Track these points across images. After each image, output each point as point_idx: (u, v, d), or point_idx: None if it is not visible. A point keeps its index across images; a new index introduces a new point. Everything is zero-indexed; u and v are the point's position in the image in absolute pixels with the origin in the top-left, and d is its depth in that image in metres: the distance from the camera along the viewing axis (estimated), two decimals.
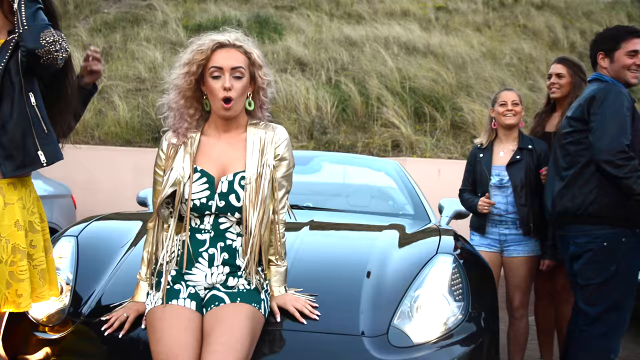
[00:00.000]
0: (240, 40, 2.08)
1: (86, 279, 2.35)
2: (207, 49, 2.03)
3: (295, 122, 8.72)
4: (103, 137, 8.31)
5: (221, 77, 2.03)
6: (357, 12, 12.61)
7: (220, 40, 2.05)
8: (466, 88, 9.69)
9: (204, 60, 2.04)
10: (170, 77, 2.12)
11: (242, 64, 2.06)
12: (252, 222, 2.04)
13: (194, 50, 2.05)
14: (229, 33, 2.09)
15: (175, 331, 1.89)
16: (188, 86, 2.07)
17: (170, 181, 2.05)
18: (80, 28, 10.88)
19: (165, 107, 2.14)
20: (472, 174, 3.68)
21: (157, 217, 2.09)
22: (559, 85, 3.59)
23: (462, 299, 2.23)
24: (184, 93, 2.08)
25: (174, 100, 2.10)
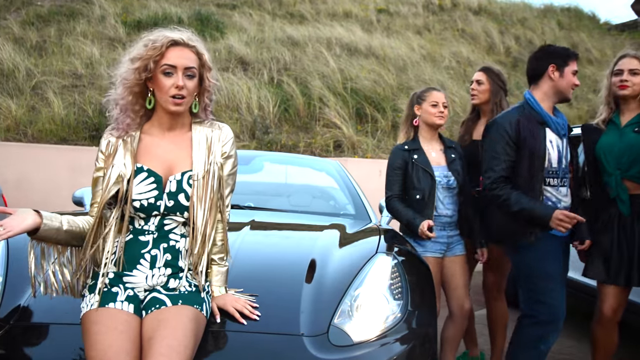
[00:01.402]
0: (193, 40, 2.05)
1: (17, 280, 2.25)
2: (161, 46, 1.99)
3: (237, 121, 8.66)
4: (36, 134, 8.02)
5: (174, 75, 2.00)
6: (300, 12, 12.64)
7: (174, 38, 2.01)
8: (407, 90, 9.85)
9: (158, 57, 1.99)
10: (119, 70, 2.06)
11: (194, 64, 2.03)
12: (200, 220, 2.02)
13: (147, 46, 2.00)
14: (181, 32, 2.06)
15: (110, 335, 1.84)
16: (137, 82, 2.02)
17: (112, 179, 2.00)
18: (11, 20, 10.45)
19: (112, 103, 2.08)
20: (402, 179, 3.37)
21: (98, 218, 2.02)
22: (478, 92, 3.72)
23: (402, 298, 2.27)
24: (131, 89, 2.03)
25: (120, 96, 2.05)
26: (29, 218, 1.84)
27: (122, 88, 2.04)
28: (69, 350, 1.98)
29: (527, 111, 3.06)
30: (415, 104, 3.50)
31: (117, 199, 2.00)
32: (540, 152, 2.99)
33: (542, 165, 3.00)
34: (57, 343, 2.04)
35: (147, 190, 2.01)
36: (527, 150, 2.99)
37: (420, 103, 3.48)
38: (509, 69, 12.24)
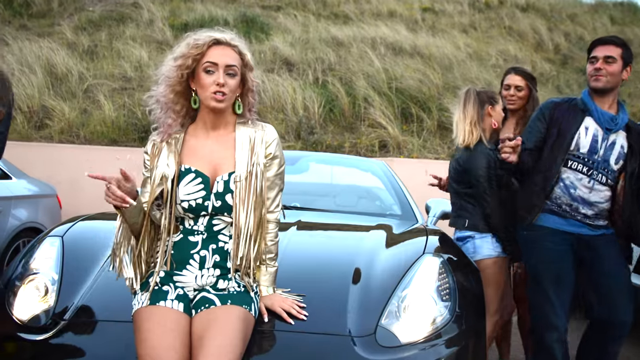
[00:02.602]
0: (235, 40, 2.08)
1: (71, 279, 2.32)
2: (204, 44, 2.02)
3: (282, 122, 8.71)
4: (88, 136, 8.24)
5: (215, 72, 2.02)
6: (344, 12, 12.64)
7: (217, 37, 2.04)
8: (453, 89, 9.73)
9: (199, 55, 2.02)
10: (162, 69, 2.10)
11: (236, 63, 2.05)
12: (242, 221, 2.03)
13: (190, 44, 2.03)
14: (224, 32, 2.09)
15: (160, 333, 1.87)
16: (179, 79, 2.05)
17: (156, 180, 2.03)
18: (64, 26, 10.78)
19: (153, 100, 2.12)
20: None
21: (147, 218, 2.06)
22: (518, 98, 3.63)
23: (449, 299, 2.24)
24: (173, 87, 2.06)
25: (162, 94, 2.08)
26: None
27: (164, 86, 2.07)
28: (121, 347, 2.03)
29: (574, 101, 3.10)
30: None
31: (164, 200, 2.04)
32: (568, 133, 2.99)
33: (566, 145, 2.99)
34: (110, 340, 2.09)
35: (195, 190, 2.03)
36: (556, 128, 3.03)
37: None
38: (558, 67, 11.96)
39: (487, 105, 3.40)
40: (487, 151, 3.30)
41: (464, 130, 3.37)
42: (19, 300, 2.25)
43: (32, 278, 2.32)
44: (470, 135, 3.35)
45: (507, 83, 3.67)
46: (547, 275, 2.98)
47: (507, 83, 3.67)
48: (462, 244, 3.32)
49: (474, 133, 3.34)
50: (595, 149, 2.98)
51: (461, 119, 3.41)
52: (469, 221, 3.32)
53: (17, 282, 2.34)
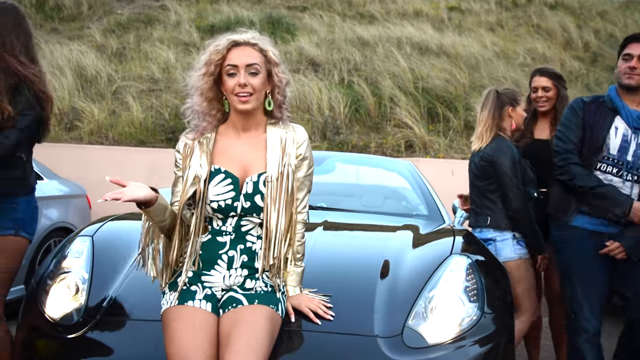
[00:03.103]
0: (255, 39, 2.08)
1: (101, 278, 2.35)
2: (223, 48, 2.04)
3: (308, 122, 8.72)
4: (117, 137, 8.36)
5: (236, 74, 2.03)
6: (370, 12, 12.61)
7: (235, 39, 2.06)
8: (479, 88, 9.64)
9: (220, 60, 2.04)
10: (190, 80, 2.12)
11: (257, 61, 2.05)
12: (273, 221, 2.04)
13: (211, 51, 2.05)
14: (244, 32, 2.10)
15: (188, 332, 1.89)
16: (208, 87, 2.07)
17: (189, 180, 2.05)
18: (94, 29, 10.95)
19: (190, 111, 2.14)
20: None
21: (179, 217, 2.08)
22: (546, 98, 3.58)
23: (477, 300, 2.22)
24: (205, 95, 2.09)
25: (197, 103, 2.10)
26: (143, 190, 1.92)
27: (197, 96, 2.10)
28: (150, 346, 2.05)
29: (601, 98, 3.05)
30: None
31: (195, 200, 2.06)
32: (600, 135, 2.94)
33: (599, 148, 2.94)
34: (139, 338, 2.12)
35: (224, 191, 2.05)
36: (589, 131, 2.97)
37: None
38: (588, 65, 11.77)
39: (507, 106, 3.35)
40: (510, 144, 3.27)
41: (476, 133, 3.38)
42: (51, 299, 2.29)
43: (64, 277, 2.36)
44: (480, 139, 3.32)
45: (534, 85, 3.62)
46: (578, 276, 2.94)
47: (534, 85, 3.62)
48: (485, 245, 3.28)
49: (484, 138, 3.31)
50: (625, 149, 2.93)
51: (478, 122, 3.41)
52: (491, 219, 3.27)
53: (49, 280, 2.38)
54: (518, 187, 3.18)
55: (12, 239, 2.61)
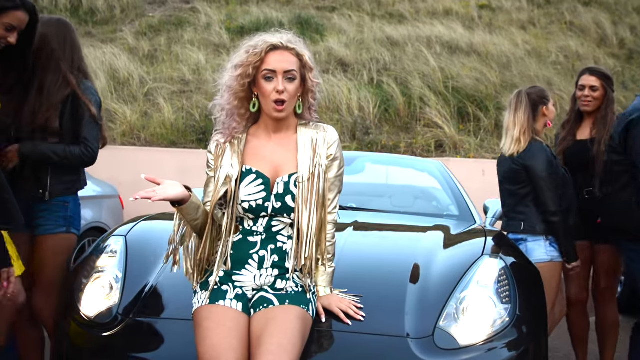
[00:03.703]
0: (292, 42, 2.07)
1: (135, 277, 2.39)
2: (261, 51, 2.03)
3: (337, 122, 8.72)
4: (149, 138, 8.47)
5: (274, 79, 2.03)
6: (399, 11, 12.54)
7: (273, 43, 2.04)
8: (511, 87, 9.52)
9: (258, 62, 2.03)
10: (223, 79, 2.13)
11: (295, 67, 2.05)
12: (305, 221, 2.04)
13: (248, 53, 2.04)
14: (281, 34, 2.09)
15: (219, 332, 1.91)
16: (241, 88, 2.07)
17: (221, 180, 2.07)
18: (126, 32, 11.11)
19: (218, 109, 2.15)
20: None
21: (210, 217, 2.10)
22: (592, 98, 3.49)
23: (510, 302, 2.20)
24: (237, 94, 2.09)
25: (226, 102, 2.11)
26: (176, 189, 1.95)
27: (227, 94, 2.10)
28: (182, 345, 2.08)
29: None
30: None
31: (227, 200, 2.07)
32: None
33: None
34: (171, 337, 2.15)
35: (255, 191, 2.06)
36: None
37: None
38: (623, 62, 11.51)
39: (540, 105, 3.29)
40: (544, 146, 3.20)
41: (512, 137, 3.26)
42: (86, 297, 2.34)
43: (98, 276, 2.40)
44: (518, 143, 3.22)
45: (582, 84, 3.54)
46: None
47: (582, 84, 3.54)
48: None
49: (522, 142, 3.21)
50: None
51: (511, 126, 3.29)
52: (524, 224, 3.22)
53: (84, 279, 2.43)
54: (554, 189, 3.13)
55: (64, 235, 2.76)
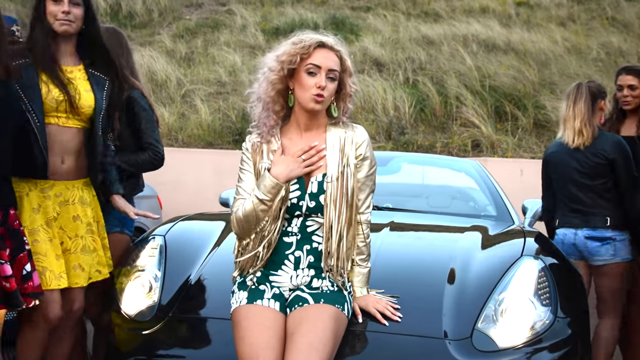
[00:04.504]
0: (338, 45, 2.10)
1: (173, 276, 2.42)
2: (310, 45, 2.04)
3: (372, 122, 8.70)
4: (186, 139, 8.58)
5: (317, 75, 2.04)
6: (435, 10, 12.43)
7: (322, 40, 2.07)
8: (549, 85, 9.34)
9: (305, 55, 2.04)
10: (265, 59, 2.13)
11: (337, 68, 2.07)
12: (334, 221, 2.05)
13: (296, 44, 2.06)
14: (327, 36, 2.11)
15: (258, 331, 1.92)
16: (280, 76, 2.07)
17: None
18: (164, 35, 11.28)
19: (255, 97, 2.16)
20: None
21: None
22: (632, 97, 3.44)
23: (550, 304, 2.16)
24: (274, 84, 2.09)
25: (264, 91, 2.11)
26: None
27: (266, 83, 2.10)
28: (221, 344, 2.10)
29: None
30: None
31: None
32: None
33: None
34: (210, 336, 2.17)
35: (291, 190, 2.07)
36: None
37: None
38: None
39: (599, 99, 3.28)
40: (619, 138, 3.20)
41: (574, 129, 3.21)
42: (126, 296, 2.38)
43: (138, 275, 2.45)
44: (581, 135, 3.17)
45: (620, 84, 3.50)
46: None
47: (620, 84, 3.50)
48: (601, 244, 3.17)
49: (585, 133, 3.17)
50: None
51: (570, 116, 3.24)
52: (610, 219, 3.17)
53: (124, 278, 2.47)
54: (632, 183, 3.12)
55: (118, 236, 2.84)
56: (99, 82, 2.54)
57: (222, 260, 2.44)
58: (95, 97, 2.49)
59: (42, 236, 2.36)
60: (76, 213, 2.45)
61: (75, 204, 2.46)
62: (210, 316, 2.25)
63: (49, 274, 2.33)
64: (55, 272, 2.34)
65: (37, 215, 2.37)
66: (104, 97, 2.53)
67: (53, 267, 2.35)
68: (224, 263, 2.35)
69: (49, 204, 2.39)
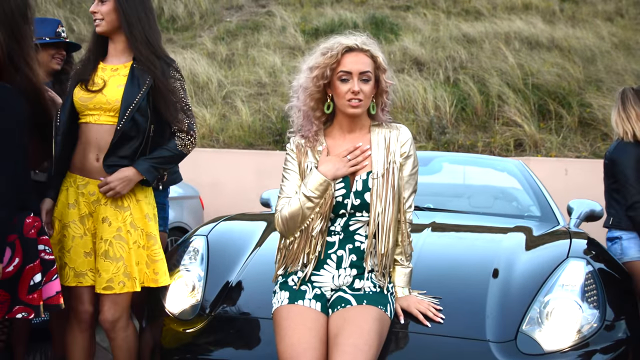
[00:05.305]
0: (367, 44, 2.09)
1: (216, 276, 2.45)
2: (337, 53, 2.06)
3: (413, 122, 8.63)
4: (227, 140, 8.67)
5: (349, 80, 2.05)
6: (476, 8, 12.27)
7: (349, 45, 2.07)
8: (596, 82, 9.12)
9: (334, 64, 2.06)
10: (298, 80, 2.17)
11: (369, 68, 2.07)
12: (379, 218, 2.04)
13: (324, 55, 2.08)
14: (355, 36, 2.11)
15: (299, 331, 1.93)
16: (317, 89, 2.11)
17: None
18: (205, 37, 11.43)
19: (295, 110, 2.19)
20: None
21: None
22: None
23: (598, 307, 2.11)
24: (312, 96, 2.12)
25: (302, 103, 2.15)
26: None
27: (303, 95, 2.14)
28: (262, 343, 2.12)
29: None
30: None
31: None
32: None
33: None
34: (252, 335, 2.19)
35: (336, 189, 2.08)
36: None
37: None
38: None
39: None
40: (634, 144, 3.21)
41: (633, 128, 3.26)
42: (170, 295, 2.42)
43: (181, 275, 2.48)
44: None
45: None
46: None
47: None
48: (610, 244, 3.24)
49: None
50: None
51: (624, 118, 3.29)
52: (613, 219, 3.27)
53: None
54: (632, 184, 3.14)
55: (162, 235, 2.87)
56: (140, 77, 2.42)
57: (264, 260, 2.45)
58: (124, 91, 2.38)
59: (70, 232, 2.39)
60: (106, 215, 2.38)
61: (106, 206, 2.39)
62: (251, 316, 2.27)
63: (68, 270, 2.38)
64: (76, 270, 2.38)
65: (71, 211, 2.41)
66: (140, 92, 2.39)
67: (76, 264, 2.38)
68: (265, 263, 2.37)
69: (82, 200, 2.41)
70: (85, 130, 2.43)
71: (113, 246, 2.36)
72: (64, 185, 2.46)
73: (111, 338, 2.43)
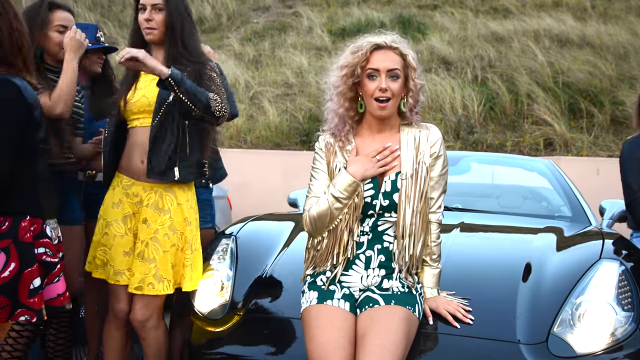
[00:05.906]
0: (396, 42, 2.08)
1: (244, 276, 2.47)
2: (366, 51, 2.05)
3: (441, 122, 8.57)
4: (254, 141, 8.72)
5: (377, 78, 2.05)
6: (504, 6, 12.12)
7: (377, 42, 2.06)
8: (629, 80, 8.94)
9: (364, 62, 2.06)
10: (330, 79, 2.16)
11: (398, 66, 2.06)
12: (408, 218, 2.04)
13: (354, 53, 2.07)
14: (385, 35, 2.10)
15: (328, 330, 1.93)
16: (348, 88, 2.10)
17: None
18: (232, 38, 11.51)
19: (331, 114, 2.17)
20: None
21: None
22: None
23: (632, 309, 2.07)
24: (345, 96, 2.12)
25: (338, 105, 2.13)
26: None
27: (337, 97, 2.13)
28: (291, 342, 2.13)
29: None
30: None
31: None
32: None
33: None
34: (280, 334, 2.20)
35: (365, 189, 2.07)
36: None
37: None
38: None
39: None
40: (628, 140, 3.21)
41: None
42: (200, 295, 2.44)
43: (211, 274, 2.50)
44: None
45: None
46: None
47: None
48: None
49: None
50: None
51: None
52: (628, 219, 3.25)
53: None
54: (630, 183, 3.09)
55: (210, 231, 2.98)
56: None
57: (292, 259, 2.46)
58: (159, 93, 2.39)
59: (112, 230, 2.47)
60: (146, 216, 2.43)
61: (147, 207, 2.43)
62: (280, 315, 2.28)
63: (109, 267, 2.46)
64: (115, 268, 2.45)
65: (115, 210, 2.48)
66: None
67: (115, 262, 2.45)
68: (293, 262, 2.38)
69: (126, 201, 2.48)
70: (132, 134, 2.51)
71: (148, 247, 2.41)
72: (112, 184, 2.55)
73: (142, 337, 2.48)
